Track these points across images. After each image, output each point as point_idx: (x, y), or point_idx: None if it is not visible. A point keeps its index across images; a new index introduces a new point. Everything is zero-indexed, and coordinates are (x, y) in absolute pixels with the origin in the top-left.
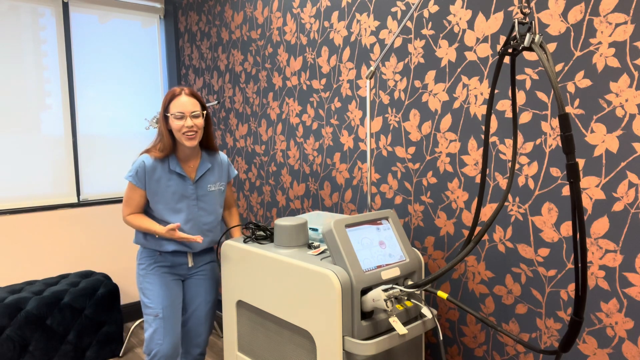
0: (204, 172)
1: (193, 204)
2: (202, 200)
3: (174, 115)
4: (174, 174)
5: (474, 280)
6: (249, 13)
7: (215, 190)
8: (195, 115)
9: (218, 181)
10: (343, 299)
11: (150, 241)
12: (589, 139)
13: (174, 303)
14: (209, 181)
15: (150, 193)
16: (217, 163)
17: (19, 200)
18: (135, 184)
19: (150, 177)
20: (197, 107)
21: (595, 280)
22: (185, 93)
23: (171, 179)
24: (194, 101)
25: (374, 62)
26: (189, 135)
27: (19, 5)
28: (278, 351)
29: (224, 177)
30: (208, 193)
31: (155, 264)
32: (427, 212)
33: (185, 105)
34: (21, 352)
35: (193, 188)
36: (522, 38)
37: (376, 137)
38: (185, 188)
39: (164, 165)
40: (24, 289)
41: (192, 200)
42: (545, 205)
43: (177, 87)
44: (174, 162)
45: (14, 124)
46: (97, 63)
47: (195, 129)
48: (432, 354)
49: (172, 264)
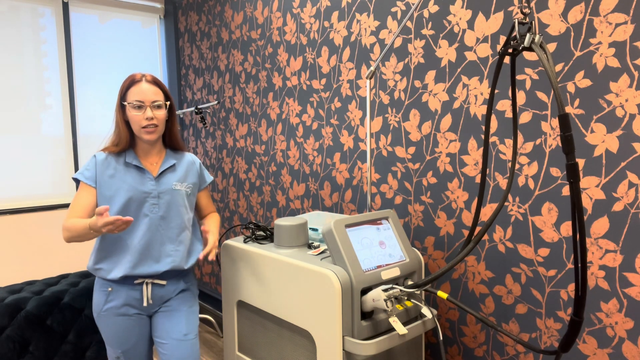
0: (167, 168)
1: (154, 203)
2: (164, 200)
3: (132, 105)
4: (131, 167)
5: (474, 280)
6: (249, 13)
7: (181, 190)
8: (156, 106)
9: (185, 181)
10: (343, 299)
11: (99, 264)
12: (589, 139)
13: (137, 344)
14: (174, 178)
15: (102, 193)
16: (185, 162)
17: (19, 200)
18: (84, 180)
19: (102, 173)
20: (160, 97)
21: (595, 280)
22: (147, 79)
23: (127, 173)
24: (156, 89)
25: (374, 62)
26: (148, 129)
27: (19, 5)
28: (278, 351)
29: (193, 179)
30: (172, 191)
31: (107, 304)
32: (427, 212)
33: (146, 93)
34: (21, 352)
35: (154, 184)
36: (522, 38)
37: (376, 137)
38: (144, 183)
39: (119, 160)
40: (24, 289)
41: (153, 198)
42: (545, 205)
43: (138, 73)
44: (131, 156)
45: (14, 124)
46: (97, 63)
47: (155, 122)
48: (432, 354)
49: (126, 302)
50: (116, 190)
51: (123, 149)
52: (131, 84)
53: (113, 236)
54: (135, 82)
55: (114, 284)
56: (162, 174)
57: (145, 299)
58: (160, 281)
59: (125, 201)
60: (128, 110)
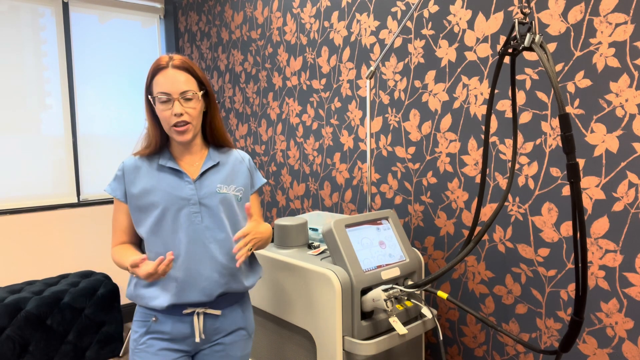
0: (209, 169)
1: (195, 211)
2: (208, 206)
3: (158, 99)
4: (166, 170)
5: (474, 280)
6: (249, 13)
7: (228, 194)
8: (187, 98)
9: (233, 183)
10: (343, 299)
11: (139, 292)
12: (589, 139)
13: None
14: (218, 180)
15: (134, 206)
16: (231, 161)
17: (19, 200)
18: (115, 195)
19: (131, 182)
20: (191, 85)
21: (595, 280)
22: (174, 64)
23: (162, 178)
24: (186, 77)
25: (374, 62)
26: (179, 128)
27: (19, 5)
28: (278, 351)
29: (244, 181)
30: (216, 195)
31: (148, 335)
32: (427, 212)
33: (172, 83)
34: (21, 352)
35: (193, 188)
36: (522, 38)
37: (376, 137)
38: (182, 188)
39: (152, 163)
40: (24, 289)
41: (193, 206)
42: (545, 205)
43: (165, 56)
44: (166, 157)
45: (14, 124)
46: (97, 63)
47: (186, 118)
48: (432, 354)
49: (172, 336)
50: (149, 200)
51: (155, 151)
52: (156, 72)
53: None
54: (160, 68)
55: (159, 314)
56: (203, 176)
57: (198, 334)
58: (214, 311)
59: (160, 212)
60: (156, 105)
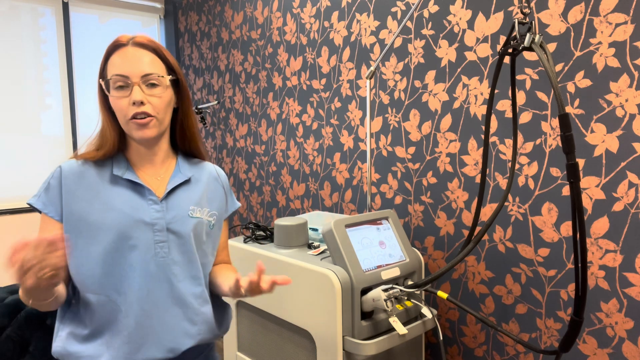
0: (179, 185)
1: (160, 240)
2: (178, 234)
3: (113, 83)
4: (122, 183)
5: (474, 280)
6: (249, 13)
7: (202, 219)
8: (150, 83)
9: (207, 206)
10: (343, 299)
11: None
12: (589, 139)
13: None
14: (190, 200)
15: (72, 227)
16: (205, 177)
17: (19, 200)
18: (46, 211)
19: (71, 193)
20: (157, 67)
21: (595, 280)
22: (136, 41)
23: (115, 192)
24: (151, 57)
25: (374, 62)
26: (138, 120)
27: (19, 5)
28: (278, 351)
29: (218, 203)
30: (189, 220)
31: None
32: (427, 212)
33: (132, 63)
34: (21, 352)
35: (159, 209)
36: (522, 38)
37: (376, 137)
38: (143, 208)
39: (102, 171)
40: None
41: (158, 233)
42: (545, 205)
43: (127, 34)
44: (122, 164)
45: (14, 124)
46: (97, 63)
47: (149, 109)
48: (432, 354)
49: None
50: (97, 223)
51: (108, 154)
52: (111, 51)
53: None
54: (118, 46)
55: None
56: (171, 194)
57: None
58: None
59: (114, 239)
60: (110, 92)
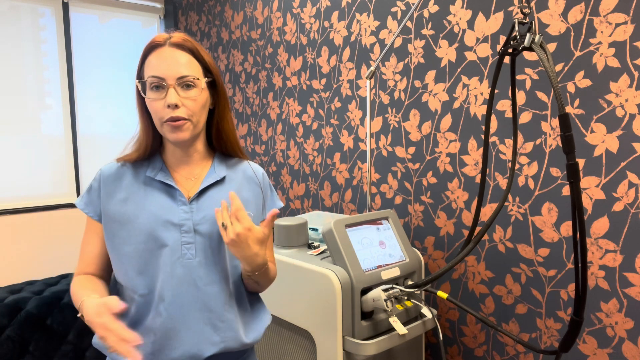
0: (210, 185)
1: (186, 241)
2: (205, 236)
3: (149, 84)
4: (154, 184)
5: (474, 280)
6: (249, 13)
7: None
8: (186, 84)
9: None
10: (343, 299)
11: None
12: (589, 139)
13: None
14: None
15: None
16: (239, 175)
17: (19, 200)
18: (87, 212)
19: (109, 195)
20: (193, 70)
21: (595, 280)
22: (173, 42)
23: (148, 194)
24: (188, 58)
25: (374, 62)
26: (172, 123)
27: (19, 5)
28: (278, 351)
29: (254, 204)
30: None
31: None
32: (427, 212)
33: (168, 65)
34: (21, 352)
35: (187, 210)
36: (522, 38)
37: (376, 137)
38: (173, 210)
39: (138, 173)
40: (24, 289)
41: (185, 235)
42: (545, 205)
43: (164, 33)
44: (157, 166)
45: (14, 124)
46: (97, 63)
47: (184, 113)
48: (432, 354)
49: None
50: (129, 223)
51: (143, 156)
52: (149, 51)
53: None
54: (155, 47)
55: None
56: (202, 194)
57: None
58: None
59: (144, 240)
60: (146, 93)
